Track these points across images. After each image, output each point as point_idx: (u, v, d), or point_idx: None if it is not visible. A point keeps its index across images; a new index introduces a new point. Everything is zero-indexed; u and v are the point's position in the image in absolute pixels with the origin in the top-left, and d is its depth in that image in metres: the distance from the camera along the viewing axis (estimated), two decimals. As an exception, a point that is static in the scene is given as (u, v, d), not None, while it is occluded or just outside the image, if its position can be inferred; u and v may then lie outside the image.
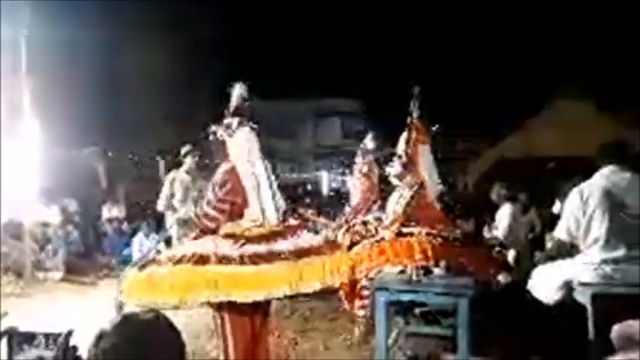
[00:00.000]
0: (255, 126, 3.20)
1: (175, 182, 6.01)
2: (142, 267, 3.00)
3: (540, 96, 10.57)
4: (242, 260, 2.83)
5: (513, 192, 5.78)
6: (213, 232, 3.06)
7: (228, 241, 2.93)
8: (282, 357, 4.06)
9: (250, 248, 2.89)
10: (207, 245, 2.92)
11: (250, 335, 3.05)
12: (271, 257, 2.89)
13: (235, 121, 3.15)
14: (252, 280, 2.80)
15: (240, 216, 3.06)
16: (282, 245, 2.98)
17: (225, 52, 16.42)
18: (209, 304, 3.01)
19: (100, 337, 1.29)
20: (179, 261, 2.86)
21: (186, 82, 14.65)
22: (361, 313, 4.37)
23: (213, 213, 3.04)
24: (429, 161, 4.63)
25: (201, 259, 2.84)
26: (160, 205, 6.10)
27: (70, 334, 1.40)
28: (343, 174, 21.22)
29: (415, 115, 4.68)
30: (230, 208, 3.04)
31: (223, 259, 2.83)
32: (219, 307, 2.99)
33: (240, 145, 3.12)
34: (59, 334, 1.45)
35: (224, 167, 3.15)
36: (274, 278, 2.84)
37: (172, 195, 6.00)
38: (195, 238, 3.10)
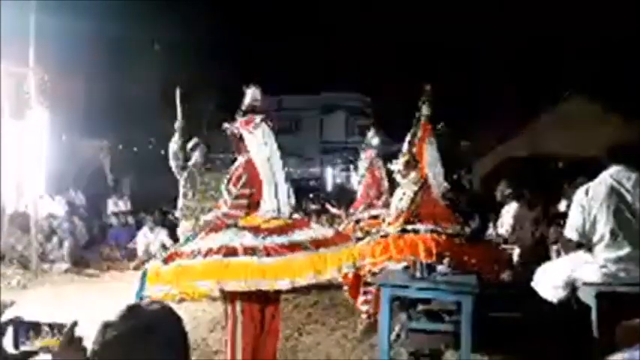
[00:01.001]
0: (272, 124, 3.30)
1: (183, 174, 6.07)
2: (165, 261, 3.04)
3: (547, 95, 10.53)
4: (267, 251, 2.93)
5: (518, 191, 5.77)
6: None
7: (249, 233, 3.02)
8: (285, 351, 4.08)
9: (272, 240, 2.99)
10: (231, 238, 3.00)
11: (260, 328, 3.11)
12: (294, 247, 2.99)
13: (258, 118, 3.24)
14: (279, 270, 2.90)
15: (256, 207, 3.14)
16: (299, 236, 3.08)
17: (233, 49, 16.42)
18: (223, 295, 3.08)
19: (105, 327, 1.30)
20: (207, 253, 2.93)
21: (194, 77, 14.65)
22: (364, 308, 4.40)
23: (233, 212, 3.12)
24: (434, 159, 4.63)
25: (229, 251, 2.92)
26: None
27: (75, 324, 1.41)
28: (347, 170, 21.24)
29: (424, 113, 4.67)
30: (248, 202, 3.12)
31: (250, 250, 2.92)
32: (232, 299, 3.04)
33: (259, 141, 3.21)
34: (64, 325, 1.46)
35: (239, 161, 3.25)
36: (299, 267, 2.94)
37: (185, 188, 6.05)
38: (214, 231, 3.14)
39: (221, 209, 3.18)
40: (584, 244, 3.42)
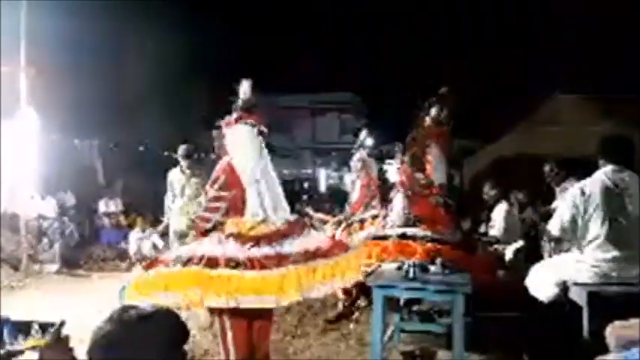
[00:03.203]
0: (255, 123, 3.15)
1: (174, 182, 6.20)
2: (147, 267, 2.92)
3: (538, 94, 10.58)
4: (251, 264, 2.75)
5: (504, 191, 5.81)
6: (217, 229, 3.00)
7: (234, 242, 2.87)
8: (277, 354, 4.05)
9: (258, 251, 2.82)
10: (214, 247, 2.85)
11: (250, 336, 3.01)
12: (281, 260, 2.81)
13: (234, 116, 3.14)
14: (261, 285, 2.72)
15: (242, 211, 2.99)
16: (290, 247, 2.90)
17: (226, 48, 16.37)
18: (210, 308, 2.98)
19: (103, 323, 1.31)
20: (187, 262, 2.78)
21: (186, 78, 14.60)
22: (341, 295, 4.53)
23: (207, 214, 3.01)
24: (438, 162, 4.61)
25: (210, 262, 2.76)
26: (169, 200, 6.29)
27: (62, 324, 1.41)
28: (340, 170, 21.25)
29: (432, 114, 4.64)
30: (227, 205, 2.98)
31: (231, 262, 2.75)
32: (220, 310, 2.92)
33: (239, 142, 3.10)
34: (52, 324, 1.46)
35: (221, 163, 3.13)
36: (284, 284, 2.75)
37: (173, 193, 6.18)
38: (201, 236, 3.04)
39: (198, 212, 3.11)
40: (569, 240, 3.43)
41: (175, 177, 6.15)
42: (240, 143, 3.10)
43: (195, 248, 2.91)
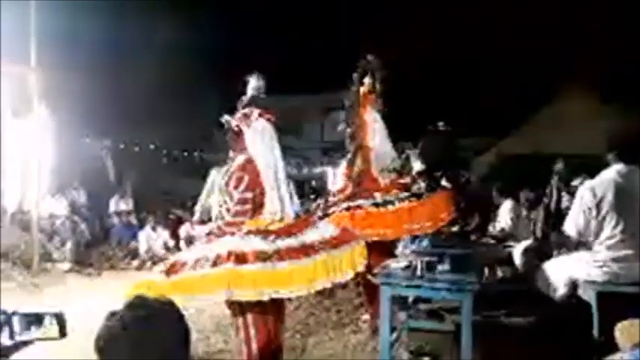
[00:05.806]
0: (273, 119, 3.13)
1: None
2: (168, 273, 2.77)
3: (545, 91, 10.53)
4: (280, 255, 2.76)
5: (508, 190, 5.85)
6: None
7: (255, 237, 2.84)
8: (287, 351, 4.07)
9: (283, 243, 2.82)
10: (239, 243, 2.80)
11: (270, 331, 2.99)
12: (307, 250, 2.83)
13: (256, 112, 3.08)
14: (293, 276, 2.75)
15: (261, 208, 2.97)
16: (309, 237, 2.92)
17: (238, 48, 16.40)
18: (230, 303, 2.91)
19: (111, 315, 1.33)
20: (216, 262, 2.72)
21: (198, 78, 14.66)
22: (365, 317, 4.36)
23: (237, 219, 2.92)
24: (377, 130, 4.56)
25: (239, 258, 2.71)
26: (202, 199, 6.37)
27: (59, 314, 1.47)
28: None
29: (367, 83, 4.64)
30: (251, 206, 2.94)
31: (261, 256, 2.74)
32: (240, 305, 2.89)
33: (258, 137, 3.04)
34: (56, 314, 1.50)
35: (238, 161, 3.06)
36: (313, 272, 2.80)
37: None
38: (217, 237, 2.96)
39: (224, 217, 2.94)
40: (583, 242, 3.42)
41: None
42: (261, 140, 3.03)
43: (217, 247, 2.83)
